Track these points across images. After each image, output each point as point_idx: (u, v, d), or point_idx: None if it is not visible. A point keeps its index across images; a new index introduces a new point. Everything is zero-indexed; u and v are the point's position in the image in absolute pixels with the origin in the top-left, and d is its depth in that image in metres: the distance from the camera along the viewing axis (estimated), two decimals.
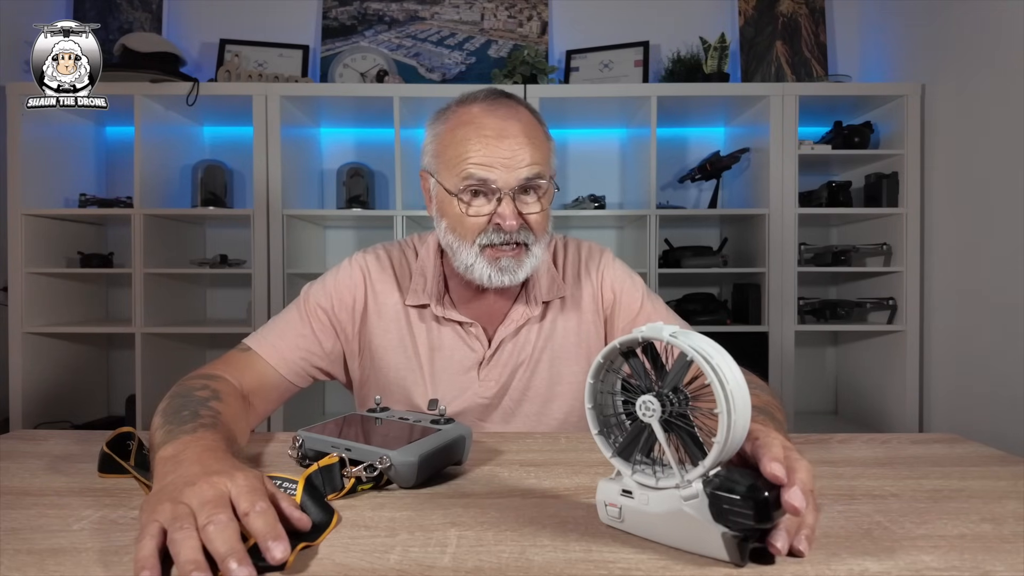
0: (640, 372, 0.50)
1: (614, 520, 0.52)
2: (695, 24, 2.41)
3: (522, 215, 0.85)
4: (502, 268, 0.86)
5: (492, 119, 0.84)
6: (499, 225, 0.84)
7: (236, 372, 0.85)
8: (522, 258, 0.87)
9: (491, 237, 0.85)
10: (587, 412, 0.52)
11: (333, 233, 2.51)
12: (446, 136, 0.87)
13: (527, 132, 0.85)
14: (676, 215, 2.20)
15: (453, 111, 0.88)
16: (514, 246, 0.86)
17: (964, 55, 1.88)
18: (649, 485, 0.49)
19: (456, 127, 0.86)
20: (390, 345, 0.95)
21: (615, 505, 0.51)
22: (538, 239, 0.88)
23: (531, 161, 0.84)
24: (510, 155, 0.83)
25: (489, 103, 0.86)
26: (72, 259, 2.20)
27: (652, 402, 0.48)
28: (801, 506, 0.44)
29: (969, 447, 0.79)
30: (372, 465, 0.60)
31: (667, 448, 0.48)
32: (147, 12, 2.42)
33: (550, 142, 0.91)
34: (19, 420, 2.03)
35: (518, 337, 0.96)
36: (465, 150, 0.84)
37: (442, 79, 2.47)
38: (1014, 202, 1.67)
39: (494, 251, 0.86)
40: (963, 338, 1.89)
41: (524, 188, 0.85)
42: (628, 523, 0.51)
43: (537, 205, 0.86)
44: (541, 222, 0.87)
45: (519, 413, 0.96)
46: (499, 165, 0.83)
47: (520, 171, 0.83)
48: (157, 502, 0.47)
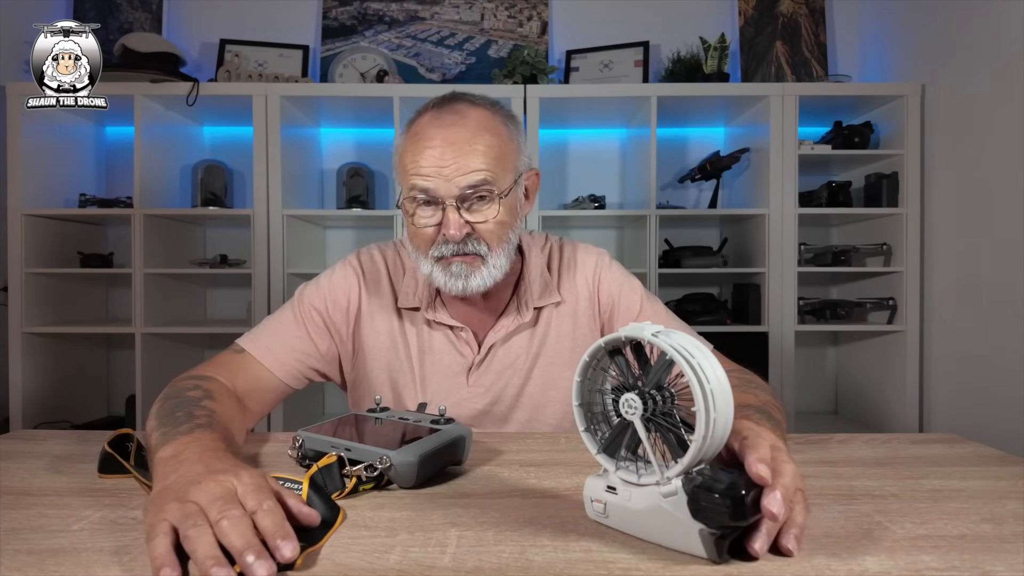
0: (624, 370, 0.51)
1: (599, 516, 0.53)
2: (695, 24, 2.41)
3: (471, 224, 0.83)
4: (453, 273, 0.85)
5: (434, 128, 0.83)
6: (445, 236, 0.83)
7: (229, 374, 0.84)
8: (477, 265, 0.85)
9: (441, 249, 0.84)
10: (574, 409, 0.53)
11: (333, 233, 2.51)
12: (401, 147, 0.87)
13: (472, 139, 0.82)
14: (676, 215, 2.20)
15: (411, 121, 0.88)
16: (462, 256, 0.84)
17: (964, 55, 1.88)
18: (632, 482, 0.50)
19: (407, 138, 0.86)
20: (382, 347, 0.95)
21: (600, 501, 0.52)
22: (492, 249, 0.85)
23: (474, 168, 0.81)
24: (451, 162, 0.81)
25: (436, 112, 0.85)
26: (72, 259, 2.20)
27: (634, 400, 0.48)
28: (779, 512, 0.45)
29: (969, 447, 0.79)
30: (372, 465, 0.60)
31: (648, 445, 0.48)
32: (147, 12, 2.42)
33: (511, 143, 0.86)
34: (19, 420, 2.03)
35: (509, 343, 0.95)
36: (410, 161, 0.83)
37: (442, 79, 2.47)
38: (1014, 202, 1.67)
39: (446, 260, 0.85)
40: (963, 338, 1.89)
41: (468, 197, 0.82)
42: (612, 519, 0.52)
43: (485, 213, 0.83)
44: (493, 231, 0.84)
45: (512, 419, 0.96)
46: (438, 175, 0.81)
47: (460, 179, 0.81)
48: (163, 501, 0.47)
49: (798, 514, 0.48)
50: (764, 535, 0.46)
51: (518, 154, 0.88)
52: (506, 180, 0.85)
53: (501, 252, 0.86)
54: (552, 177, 2.42)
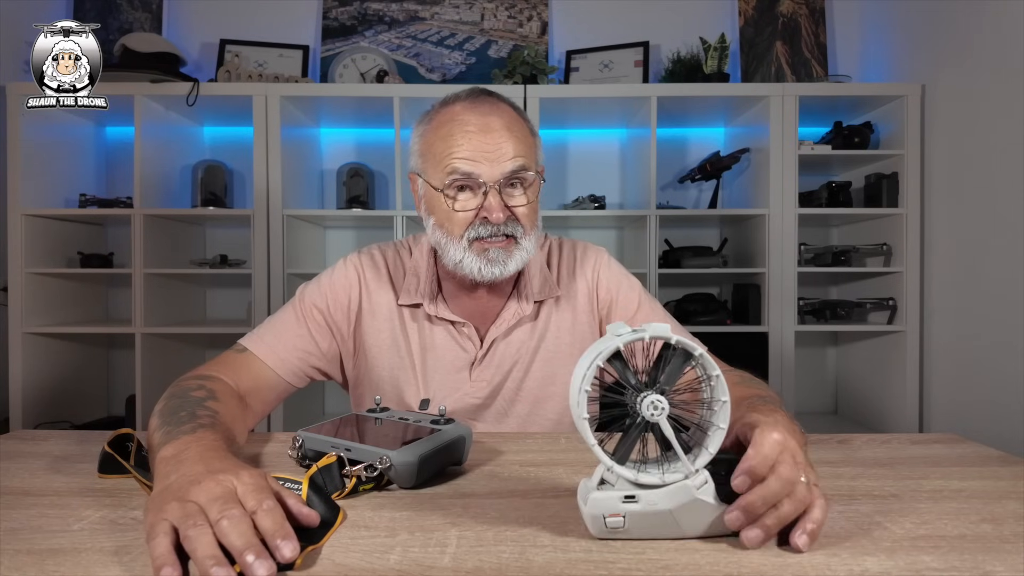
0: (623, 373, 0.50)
1: (614, 531, 0.50)
2: (695, 24, 2.41)
3: (509, 208, 0.86)
4: (491, 260, 0.86)
5: (474, 115, 0.85)
6: (487, 218, 0.84)
7: (232, 373, 0.84)
8: (511, 250, 0.87)
9: (479, 230, 0.85)
10: (580, 423, 0.48)
11: (333, 233, 2.51)
12: (430, 135, 0.88)
13: (509, 126, 0.85)
14: (676, 215, 2.20)
15: (436, 111, 0.89)
16: (503, 238, 0.86)
17: (964, 55, 1.88)
18: (654, 484, 0.49)
19: (439, 125, 0.87)
20: (383, 345, 0.95)
21: (618, 515, 0.49)
22: (527, 232, 0.88)
23: (515, 154, 0.84)
24: (493, 148, 0.83)
25: (471, 100, 0.87)
26: (72, 259, 2.20)
27: (660, 400, 0.48)
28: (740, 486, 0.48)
29: (969, 447, 0.79)
30: (372, 465, 0.60)
31: (675, 442, 0.48)
32: (147, 12, 2.42)
33: (534, 137, 0.91)
34: (19, 420, 2.03)
35: (510, 337, 0.96)
36: (449, 146, 0.84)
37: (442, 79, 2.47)
38: (1014, 202, 1.67)
39: (482, 243, 0.86)
40: (963, 338, 1.89)
41: (509, 181, 0.85)
42: (633, 529, 0.50)
43: (523, 198, 0.87)
44: (528, 214, 0.88)
45: (512, 413, 0.96)
46: (483, 159, 0.83)
47: (504, 164, 0.84)
48: (163, 501, 0.47)
49: (816, 510, 0.49)
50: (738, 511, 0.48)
51: (539, 147, 0.92)
52: (535, 168, 0.89)
53: (532, 235, 0.89)
54: (552, 177, 2.42)
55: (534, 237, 0.90)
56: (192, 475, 0.50)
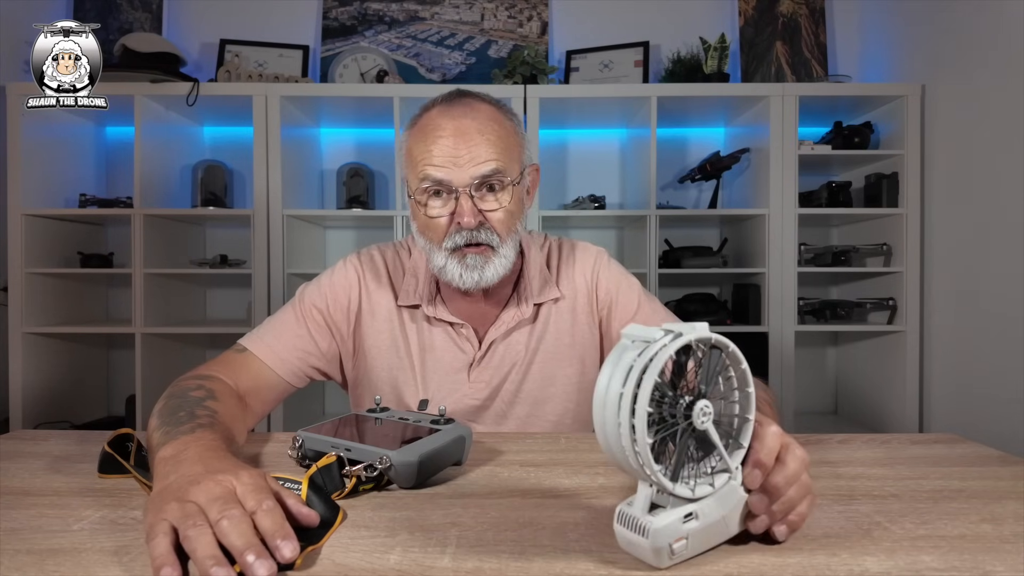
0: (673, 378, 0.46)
1: (678, 556, 0.45)
2: (695, 24, 2.41)
3: (482, 213, 0.85)
4: (468, 265, 0.86)
5: (445, 119, 0.85)
6: (460, 224, 0.84)
7: (232, 373, 0.85)
8: (489, 256, 0.86)
9: (455, 239, 0.85)
10: (644, 451, 0.42)
11: (333, 233, 2.51)
12: (408, 141, 0.88)
13: (483, 129, 0.84)
14: (676, 215, 2.20)
15: (418, 116, 0.89)
16: (476, 246, 0.86)
17: (964, 55, 1.88)
18: (708, 494, 0.47)
19: (416, 132, 0.87)
20: (383, 345, 0.96)
21: (683, 538, 0.45)
22: (503, 240, 0.87)
23: (487, 157, 0.83)
24: (464, 153, 0.83)
25: (446, 104, 0.87)
26: (72, 259, 2.20)
27: (708, 406, 0.45)
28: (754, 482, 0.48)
29: (969, 447, 0.79)
30: (372, 465, 0.60)
31: (720, 446, 0.47)
32: (147, 12, 2.42)
33: (516, 137, 0.89)
34: (19, 420, 2.03)
35: (509, 339, 0.95)
36: (421, 152, 0.85)
37: (442, 79, 2.47)
38: (1014, 202, 1.67)
39: (461, 251, 0.86)
40: (963, 338, 1.89)
41: (481, 186, 0.84)
42: (693, 547, 0.46)
43: (496, 202, 0.85)
44: (504, 220, 0.86)
45: (511, 415, 0.96)
46: (452, 164, 0.83)
47: (475, 168, 0.83)
48: (163, 501, 0.47)
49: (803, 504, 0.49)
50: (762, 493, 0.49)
51: (522, 147, 0.91)
52: (514, 170, 0.87)
53: (510, 243, 0.88)
54: (552, 177, 2.42)
55: (511, 244, 0.88)
56: (191, 475, 0.50)
